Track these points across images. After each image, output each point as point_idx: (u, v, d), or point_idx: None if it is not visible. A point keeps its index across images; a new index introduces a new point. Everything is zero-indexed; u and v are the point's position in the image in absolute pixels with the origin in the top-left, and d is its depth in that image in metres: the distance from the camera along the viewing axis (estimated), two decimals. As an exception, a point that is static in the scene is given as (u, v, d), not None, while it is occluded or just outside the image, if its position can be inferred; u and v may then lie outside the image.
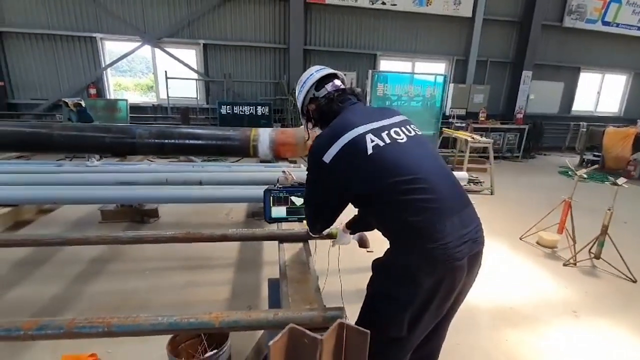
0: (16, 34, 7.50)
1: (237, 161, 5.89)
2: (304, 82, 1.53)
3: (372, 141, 1.25)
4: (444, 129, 7.11)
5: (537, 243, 3.91)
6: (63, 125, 4.17)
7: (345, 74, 6.82)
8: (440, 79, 5.80)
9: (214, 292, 2.79)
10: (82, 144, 3.79)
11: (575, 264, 3.41)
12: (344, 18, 8.55)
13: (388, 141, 1.27)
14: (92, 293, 2.70)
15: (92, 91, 8.05)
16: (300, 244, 1.84)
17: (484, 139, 5.93)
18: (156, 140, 3.89)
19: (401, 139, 1.30)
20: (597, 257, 3.44)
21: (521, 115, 9.13)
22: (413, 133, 1.36)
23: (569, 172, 3.61)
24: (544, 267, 3.41)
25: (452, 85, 9.12)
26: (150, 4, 7.82)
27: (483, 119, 8.77)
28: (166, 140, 3.92)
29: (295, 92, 1.64)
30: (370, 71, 5.42)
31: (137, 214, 4.13)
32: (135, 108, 8.10)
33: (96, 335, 1.04)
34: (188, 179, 2.64)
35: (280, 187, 1.92)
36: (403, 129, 1.35)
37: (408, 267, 1.14)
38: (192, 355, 1.90)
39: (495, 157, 8.87)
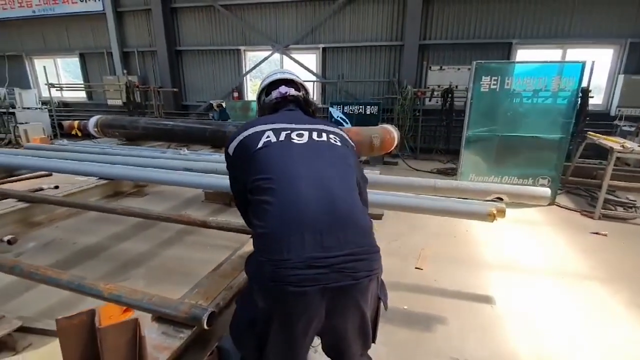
0: (189, 51, 9.77)
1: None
2: (259, 87, 1.58)
3: (267, 137, 1.21)
4: (589, 133, 5.50)
5: (686, 304, 2.66)
6: (182, 120, 5.29)
7: (468, 69, 6.09)
8: (575, 67, 4.49)
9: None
10: (190, 135, 4.77)
11: None
12: (471, 5, 7.59)
13: (282, 139, 1.20)
14: (164, 255, 3.40)
15: (235, 94, 9.76)
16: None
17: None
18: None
19: (298, 140, 1.20)
20: None
21: None
22: (324, 139, 1.23)
23: None
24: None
25: (621, 76, 6.92)
26: (282, 16, 8.85)
27: (669, 121, 6.32)
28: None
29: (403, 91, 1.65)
30: (473, 62, 4.67)
31: (227, 197, 4.85)
32: (264, 108, 9.39)
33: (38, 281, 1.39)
34: (207, 168, 3.02)
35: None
36: (314, 133, 1.24)
37: (249, 278, 1.06)
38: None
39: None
